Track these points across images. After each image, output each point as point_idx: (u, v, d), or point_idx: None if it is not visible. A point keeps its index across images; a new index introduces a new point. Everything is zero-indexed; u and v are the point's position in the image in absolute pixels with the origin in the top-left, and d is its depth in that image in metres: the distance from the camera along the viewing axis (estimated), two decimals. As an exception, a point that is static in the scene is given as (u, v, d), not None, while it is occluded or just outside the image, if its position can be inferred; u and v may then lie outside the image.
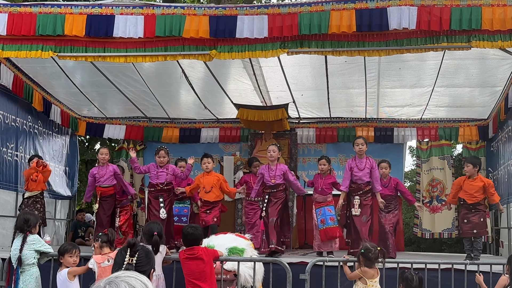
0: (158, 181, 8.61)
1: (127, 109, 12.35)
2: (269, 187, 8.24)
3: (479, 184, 8.35)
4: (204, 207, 8.56)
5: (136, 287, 1.91)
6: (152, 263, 3.19)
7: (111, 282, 1.92)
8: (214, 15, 7.46)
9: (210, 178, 8.63)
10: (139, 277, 1.97)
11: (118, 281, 1.92)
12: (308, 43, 7.50)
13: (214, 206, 8.50)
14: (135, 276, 1.96)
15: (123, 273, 1.99)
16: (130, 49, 7.78)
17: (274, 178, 8.20)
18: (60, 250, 6.13)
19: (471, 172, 8.45)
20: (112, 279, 1.93)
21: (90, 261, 5.89)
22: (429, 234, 12.14)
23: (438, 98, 10.94)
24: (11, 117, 10.05)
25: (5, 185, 9.81)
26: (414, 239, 19.64)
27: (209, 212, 8.45)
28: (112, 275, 1.95)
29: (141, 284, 1.93)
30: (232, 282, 6.25)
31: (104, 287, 1.90)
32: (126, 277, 1.95)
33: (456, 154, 19.36)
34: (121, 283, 1.91)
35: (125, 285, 1.90)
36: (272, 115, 11.00)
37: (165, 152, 8.76)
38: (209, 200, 8.49)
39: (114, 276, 1.95)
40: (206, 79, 10.35)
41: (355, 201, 8.13)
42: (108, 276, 1.98)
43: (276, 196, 8.22)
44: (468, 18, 6.95)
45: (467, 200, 8.37)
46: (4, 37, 7.76)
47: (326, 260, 6.63)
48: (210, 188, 8.52)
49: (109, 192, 8.91)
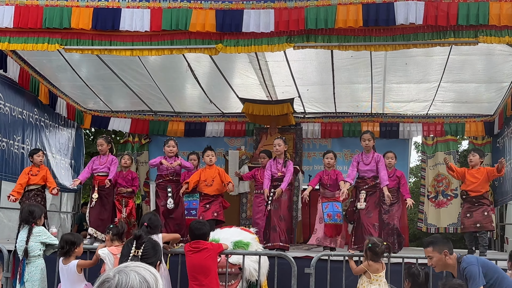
0: (168, 172, 8.65)
1: (132, 103, 12.36)
2: (276, 179, 8.26)
3: (483, 171, 8.26)
4: (204, 200, 8.47)
5: (145, 276, 1.92)
6: (159, 255, 3.21)
7: (120, 271, 1.93)
8: (221, 9, 7.45)
9: (211, 171, 8.57)
10: (148, 267, 1.98)
11: (127, 270, 1.93)
12: (315, 38, 7.48)
13: (214, 200, 8.39)
14: (144, 267, 1.97)
15: (132, 263, 2.01)
16: (136, 43, 7.79)
17: (281, 170, 8.25)
18: (73, 241, 6.10)
19: (476, 162, 8.35)
20: (122, 269, 1.94)
21: (101, 252, 5.76)
22: (434, 228, 12.13)
23: (444, 93, 10.90)
24: (17, 109, 10.08)
25: (11, 177, 9.84)
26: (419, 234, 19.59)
27: (208, 207, 8.31)
28: (121, 265, 1.96)
29: (150, 274, 1.94)
30: (237, 275, 6.26)
31: (114, 276, 1.91)
32: (136, 266, 1.96)
33: (462, 150, 19.31)
34: (131, 272, 1.92)
35: (135, 275, 1.91)
36: (278, 109, 10.99)
37: (175, 143, 8.79)
38: (209, 194, 8.41)
39: (123, 266, 1.96)
40: (211, 73, 10.35)
41: (361, 195, 8.13)
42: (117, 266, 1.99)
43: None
44: (476, 13, 6.92)
45: (470, 193, 8.27)
46: (11, 29, 7.76)
47: (331, 255, 6.64)
48: (211, 182, 8.47)
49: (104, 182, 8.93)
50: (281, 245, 7.94)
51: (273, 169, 8.30)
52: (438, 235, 5.34)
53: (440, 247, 4.91)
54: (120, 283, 1.89)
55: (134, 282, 1.90)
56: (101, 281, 1.93)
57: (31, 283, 6.38)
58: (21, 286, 6.40)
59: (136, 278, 1.91)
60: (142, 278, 1.92)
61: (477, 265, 4.73)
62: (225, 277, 6.08)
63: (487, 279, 4.69)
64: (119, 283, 1.89)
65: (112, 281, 1.90)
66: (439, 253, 4.90)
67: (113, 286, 1.89)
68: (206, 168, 8.63)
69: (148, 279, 1.93)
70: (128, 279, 1.90)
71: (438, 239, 5.12)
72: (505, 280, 4.76)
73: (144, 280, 1.92)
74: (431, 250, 4.97)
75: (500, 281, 4.72)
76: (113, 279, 1.91)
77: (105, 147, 8.95)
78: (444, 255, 4.88)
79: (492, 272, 4.78)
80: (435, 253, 4.93)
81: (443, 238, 5.26)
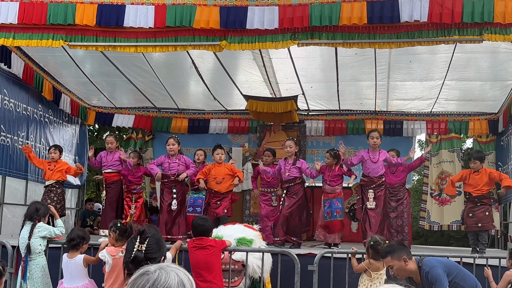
0: (170, 172, 8.68)
1: (136, 99, 12.37)
2: (286, 181, 8.38)
3: (485, 174, 8.44)
4: (215, 198, 8.61)
5: (184, 281, 1.93)
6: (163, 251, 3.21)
7: (161, 268, 1.94)
8: (225, 6, 7.45)
9: (221, 169, 8.70)
10: (187, 273, 1.99)
11: (168, 269, 1.94)
12: (319, 35, 7.47)
13: (225, 197, 8.57)
14: (184, 271, 1.98)
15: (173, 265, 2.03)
16: (140, 39, 7.79)
17: (290, 171, 8.36)
18: (85, 237, 6.13)
19: (478, 167, 8.53)
20: (163, 266, 1.95)
21: (101, 254, 5.68)
22: (437, 226, 12.12)
23: (448, 91, 10.88)
24: (22, 105, 10.11)
25: (15, 173, 9.88)
26: (422, 232, 19.62)
27: (219, 204, 8.52)
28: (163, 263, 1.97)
29: (188, 280, 1.95)
30: (240, 272, 6.27)
31: (155, 271, 1.92)
32: (176, 268, 1.97)
33: (466, 148, 19.28)
34: (171, 272, 1.93)
35: (175, 275, 1.92)
36: (281, 106, 10.98)
37: (175, 140, 8.81)
38: (219, 191, 8.57)
39: (165, 264, 1.98)
40: (215, 70, 10.34)
41: (369, 195, 8.24)
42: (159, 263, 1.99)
43: (293, 190, 8.39)
44: (480, 11, 6.90)
45: (472, 193, 8.41)
46: (15, 25, 7.77)
47: (334, 252, 6.65)
48: (222, 179, 8.59)
49: (113, 178, 9.03)
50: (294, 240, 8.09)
51: (282, 170, 8.45)
52: (394, 243, 5.39)
53: (398, 254, 4.88)
54: (159, 279, 1.90)
55: (173, 282, 1.90)
56: (140, 273, 1.93)
57: (33, 281, 6.41)
58: (24, 282, 6.43)
59: (175, 279, 1.92)
60: (180, 280, 1.93)
61: (439, 266, 4.74)
62: (228, 273, 6.09)
63: (449, 278, 4.71)
64: (158, 279, 1.90)
65: (152, 275, 1.91)
66: (398, 261, 4.86)
67: (152, 280, 1.89)
68: (216, 166, 8.72)
69: (186, 283, 1.94)
70: (168, 277, 1.91)
71: (395, 247, 5.09)
72: (466, 275, 4.83)
73: (181, 283, 1.92)
74: (390, 259, 4.94)
75: (462, 276, 4.78)
76: (153, 274, 1.92)
77: (115, 145, 9.12)
78: (403, 261, 4.84)
79: (453, 269, 4.83)
80: (394, 261, 4.89)
81: (399, 244, 5.24)
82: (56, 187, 8.89)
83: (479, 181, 8.40)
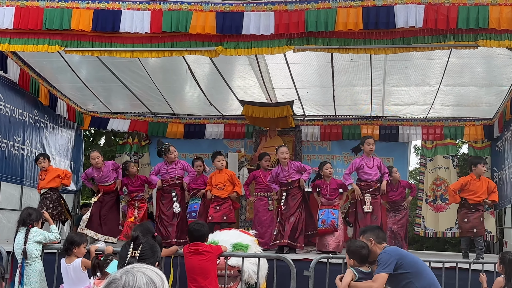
0: (169, 176, 8.72)
1: (132, 104, 12.36)
2: (285, 184, 8.41)
3: (485, 182, 8.51)
4: (215, 202, 8.63)
5: (152, 277, 1.92)
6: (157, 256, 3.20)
7: (127, 272, 1.93)
8: (221, 11, 7.46)
9: (222, 175, 8.77)
10: (155, 269, 1.98)
11: (134, 271, 1.93)
12: (315, 40, 7.49)
13: (224, 202, 8.58)
14: (151, 268, 1.97)
15: (138, 264, 2.01)
16: (136, 44, 7.80)
17: (289, 175, 8.38)
18: (77, 241, 6.08)
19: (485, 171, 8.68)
20: (128, 270, 1.94)
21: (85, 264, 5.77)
22: (432, 233, 12.11)
23: (444, 97, 10.91)
24: (18, 110, 10.08)
25: (11, 179, 9.84)
26: (417, 238, 19.61)
27: (218, 209, 8.53)
28: (127, 266, 1.96)
29: (157, 275, 1.95)
30: (236, 278, 6.26)
31: (121, 277, 1.91)
32: (142, 268, 1.97)
33: (461, 154, 19.31)
34: (138, 273, 1.92)
35: (142, 276, 1.91)
36: (277, 112, 10.99)
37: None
38: (219, 196, 8.60)
39: (130, 267, 1.96)
40: (211, 75, 10.35)
41: (366, 199, 8.32)
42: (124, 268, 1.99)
43: (294, 192, 8.43)
44: (475, 17, 6.93)
45: (469, 199, 8.43)
46: (11, 30, 7.77)
47: (330, 257, 6.64)
48: (223, 186, 8.63)
49: (111, 188, 9.05)
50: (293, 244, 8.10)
51: (281, 177, 8.47)
52: (374, 225, 5.71)
53: (368, 235, 5.15)
54: (127, 283, 1.89)
55: (141, 282, 1.90)
56: (108, 282, 1.93)
57: (30, 286, 6.38)
58: (21, 287, 6.40)
59: (143, 279, 1.91)
60: (148, 279, 1.92)
61: (391, 254, 4.89)
62: (224, 279, 6.08)
63: (401, 270, 4.82)
64: (126, 284, 1.89)
65: (119, 281, 1.91)
66: (367, 241, 5.12)
67: (120, 286, 1.89)
68: (216, 173, 8.78)
69: (155, 280, 1.93)
70: (135, 279, 1.90)
71: (370, 228, 5.43)
72: (423, 274, 4.87)
73: (151, 281, 1.92)
74: (361, 238, 5.24)
75: (418, 274, 4.83)
76: (120, 280, 1.91)
77: (101, 159, 9.02)
78: (370, 242, 5.08)
79: (409, 265, 4.89)
80: (364, 241, 5.18)
81: (376, 227, 5.50)
82: (51, 194, 8.97)
83: (479, 188, 8.42)
